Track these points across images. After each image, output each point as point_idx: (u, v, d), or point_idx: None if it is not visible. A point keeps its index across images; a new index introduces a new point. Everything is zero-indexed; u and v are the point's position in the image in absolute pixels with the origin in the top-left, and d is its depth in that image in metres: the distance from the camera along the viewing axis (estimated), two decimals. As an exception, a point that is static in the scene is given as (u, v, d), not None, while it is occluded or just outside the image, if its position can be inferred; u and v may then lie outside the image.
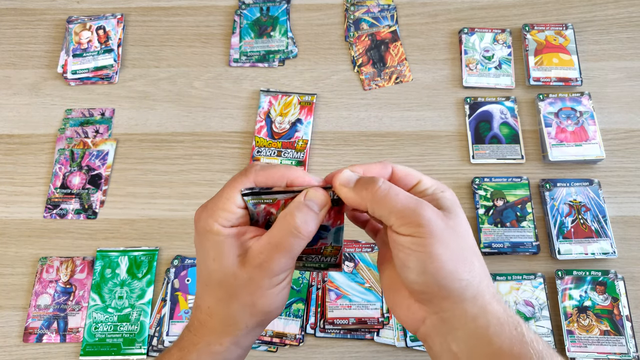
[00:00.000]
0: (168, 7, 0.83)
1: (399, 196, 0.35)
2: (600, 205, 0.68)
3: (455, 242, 0.35)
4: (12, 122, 0.76)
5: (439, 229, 0.34)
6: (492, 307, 0.35)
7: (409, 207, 0.35)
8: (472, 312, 0.35)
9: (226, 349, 0.39)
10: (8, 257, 0.68)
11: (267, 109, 0.75)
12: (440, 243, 0.34)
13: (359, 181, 0.37)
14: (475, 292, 0.35)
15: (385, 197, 0.35)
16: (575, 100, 0.74)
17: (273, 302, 0.38)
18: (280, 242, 0.36)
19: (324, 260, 0.42)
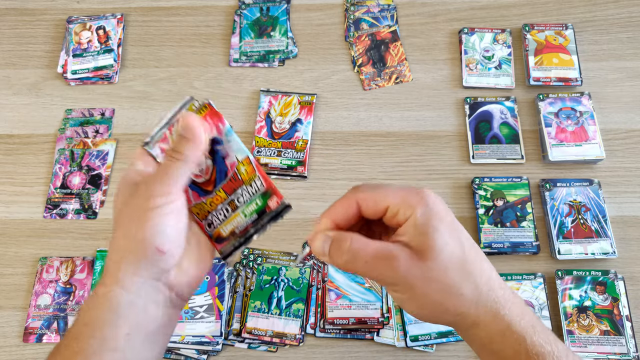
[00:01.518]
0: (168, 7, 0.83)
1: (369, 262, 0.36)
2: (600, 205, 0.68)
3: (436, 286, 0.35)
4: (12, 122, 0.76)
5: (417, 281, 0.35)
6: (494, 327, 0.36)
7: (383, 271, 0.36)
8: (477, 334, 0.37)
9: (110, 290, 0.36)
10: (8, 257, 0.68)
11: (267, 109, 0.75)
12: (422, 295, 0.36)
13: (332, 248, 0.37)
14: (474, 319, 0.37)
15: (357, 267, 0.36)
16: (575, 100, 0.74)
17: (148, 224, 0.36)
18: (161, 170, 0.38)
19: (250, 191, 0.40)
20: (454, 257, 0.36)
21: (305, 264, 0.65)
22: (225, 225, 0.41)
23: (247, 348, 0.62)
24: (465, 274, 0.36)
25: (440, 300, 0.36)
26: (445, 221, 0.36)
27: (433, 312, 0.37)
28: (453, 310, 0.36)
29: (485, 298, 0.36)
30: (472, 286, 0.36)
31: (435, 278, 0.35)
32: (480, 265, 0.37)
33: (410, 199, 0.36)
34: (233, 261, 0.67)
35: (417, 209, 0.36)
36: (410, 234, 0.36)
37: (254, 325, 0.62)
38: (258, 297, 0.64)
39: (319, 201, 0.70)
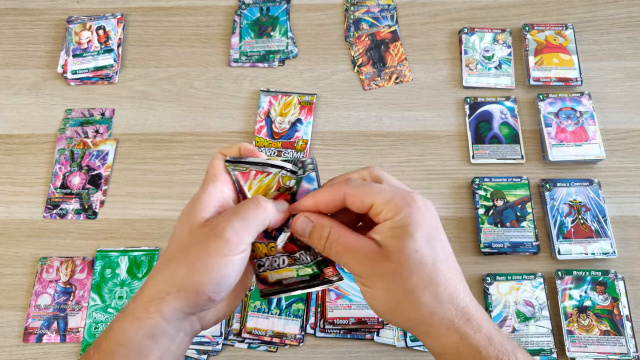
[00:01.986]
0: (168, 7, 0.83)
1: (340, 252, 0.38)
2: (600, 205, 0.68)
3: (395, 287, 0.36)
4: (12, 122, 0.76)
5: (379, 279, 0.37)
6: (447, 339, 0.37)
7: (352, 260, 0.38)
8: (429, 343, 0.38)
9: (152, 318, 0.37)
10: (8, 257, 0.68)
11: (267, 109, 0.75)
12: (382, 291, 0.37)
13: (312, 233, 0.39)
14: (427, 327, 0.37)
15: (330, 253, 0.39)
16: (575, 100, 0.74)
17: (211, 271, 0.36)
18: (240, 209, 0.38)
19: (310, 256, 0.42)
20: (420, 265, 0.36)
21: None
22: (275, 274, 0.42)
23: (247, 348, 0.62)
24: (428, 283, 0.36)
25: (397, 302, 0.37)
26: (424, 229, 0.37)
27: (389, 311, 0.38)
28: (407, 315, 0.37)
29: (442, 310, 0.37)
30: (431, 296, 0.36)
31: (397, 280, 0.36)
32: (447, 277, 0.37)
33: (396, 202, 0.37)
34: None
35: (399, 213, 0.37)
36: (384, 234, 0.37)
37: (254, 325, 0.62)
38: (258, 297, 0.64)
39: (319, 201, 0.70)
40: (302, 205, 0.40)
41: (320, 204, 0.40)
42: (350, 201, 0.39)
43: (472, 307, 0.37)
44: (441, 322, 0.37)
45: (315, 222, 0.39)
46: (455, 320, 0.36)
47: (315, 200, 0.40)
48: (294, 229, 0.40)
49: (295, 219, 0.40)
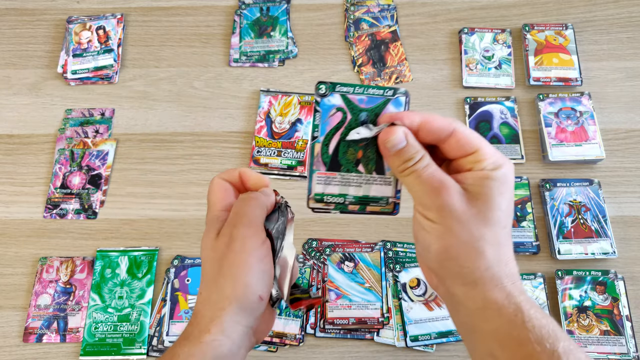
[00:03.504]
0: (168, 7, 0.83)
1: (422, 179, 0.36)
2: (600, 205, 0.68)
3: (464, 231, 0.36)
4: (12, 122, 0.76)
5: (450, 217, 0.36)
6: (493, 294, 0.36)
7: (431, 191, 0.36)
8: (471, 296, 0.37)
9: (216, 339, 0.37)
10: (8, 257, 0.68)
11: (267, 109, 0.75)
12: (447, 230, 0.36)
13: (400, 152, 0.37)
14: (477, 278, 0.36)
15: (408, 177, 0.37)
16: (575, 100, 0.74)
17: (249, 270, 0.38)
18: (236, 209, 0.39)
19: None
20: (496, 223, 0.36)
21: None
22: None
23: (247, 348, 0.62)
24: (496, 241, 0.36)
25: (458, 245, 0.36)
26: (510, 194, 0.37)
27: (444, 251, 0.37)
28: (462, 261, 0.36)
29: (498, 268, 0.37)
30: (494, 253, 0.36)
31: (468, 225, 0.36)
32: (509, 244, 0.38)
33: (499, 157, 0.37)
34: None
35: (498, 169, 0.37)
36: (476, 182, 0.36)
37: (254, 325, 0.62)
38: (258, 297, 0.64)
39: (319, 201, 0.70)
40: (406, 118, 0.38)
41: (425, 128, 0.38)
42: (457, 139, 0.37)
43: (517, 276, 0.38)
44: (492, 278, 0.36)
45: (411, 142, 0.37)
46: (505, 280, 0.37)
47: (423, 118, 0.38)
48: (383, 139, 0.37)
49: (390, 130, 0.37)
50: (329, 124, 0.38)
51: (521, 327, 0.35)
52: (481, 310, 0.37)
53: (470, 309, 0.37)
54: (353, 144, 0.39)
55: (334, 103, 0.38)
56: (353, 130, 0.38)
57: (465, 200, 0.36)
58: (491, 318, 0.37)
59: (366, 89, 0.38)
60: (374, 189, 0.39)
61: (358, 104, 0.38)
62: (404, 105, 0.39)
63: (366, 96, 0.38)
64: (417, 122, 0.38)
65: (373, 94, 0.38)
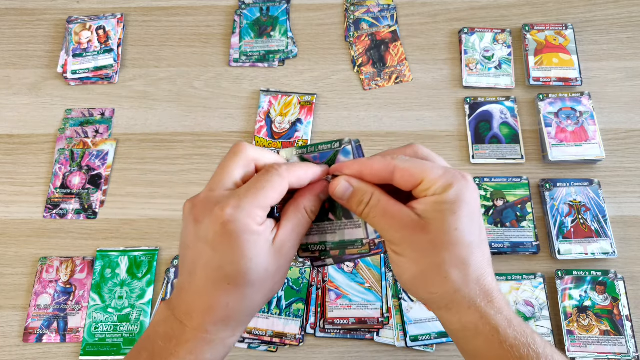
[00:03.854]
0: (168, 7, 0.83)
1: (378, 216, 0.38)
2: (600, 205, 0.68)
3: (425, 259, 0.37)
4: (12, 122, 0.76)
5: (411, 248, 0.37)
6: (467, 317, 0.37)
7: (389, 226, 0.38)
8: (447, 319, 0.38)
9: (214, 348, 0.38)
10: (8, 257, 0.68)
11: (267, 109, 0.75)
12: (411, 260, 0.37)
13: (351, 197, 0.39)
14: (448, 302, 0.38)
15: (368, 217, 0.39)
16: (575, 100, 0.74)
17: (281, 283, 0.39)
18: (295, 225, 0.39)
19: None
20: (456, 243, 0.36)
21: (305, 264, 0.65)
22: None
23: (247, 348, 0.62)
24: (459, 262, 0.37)
25: (424, 273, 0.37)
26: (468, 210, 0.37)
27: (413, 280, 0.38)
28: (431, 287, 0.38)
29: (468, 289, 0.37)
30: (460, 275, 0.37)
31: (429, 252, 0.37)
32: (478, 260, 0.37)
33: (447, 178, 0.37)
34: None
35: (448, 189, 0.36)
36: (428, 206, 0.37)
37: (254, 325, 0.62)
38: (258, 297, 0.64)
39: (319, 201, 0.70)
40: (346, 168, 0.39)
41: (366, 172, 0.39)
42: (400, 175, 0.38)
43: (495, 290, 0.38)
44: (463, 300, 0.37)
45: (356, 186, 0.39)
46: (478, 300, 0.37)
47: (361, 166, 0.39)
48: (332, 191, 0.39)
49: (335, 181, 0.39)
50: None
51: (498, 348, 0.36)
52: (461, 332, 0.38)
53: (452, 330, 0.39)
54: None
55: None
56: None
57: (419, 228, 0.37)
58: (470, 339, 0.38)
59: (317, 147, 0.42)
60: (348, 233, 0.41)
61: (313, 161, 0.42)
62: (352, 153, 0.41)
63: (318, 152, 0.42)
64: (356, 170, 0.39)
65: (323, 149, 0.42)
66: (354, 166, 0.39)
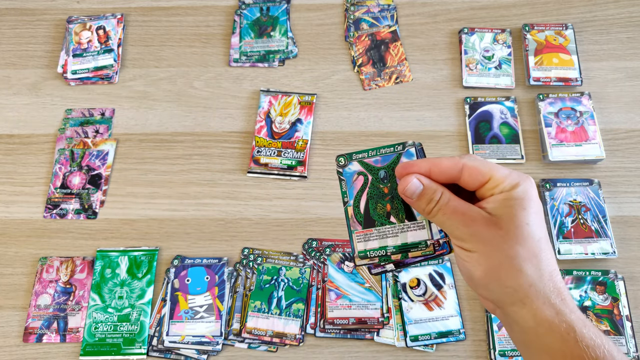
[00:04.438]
0: (168, 7, 0.83)
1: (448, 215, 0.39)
2: (600, 205, 0.68)
3: (499, 253, 0.37)
4: (12, 122, 0.76)
5: (482, 243, 0.37)
6: (542, 312, 0.37)
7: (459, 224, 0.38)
8: (521, 315, 0.38)
9: None
10: (8, 257, 0.68)
11: (267, 109, 0.75)
12: (483, 256, 0.38)
13: (421, 196, 0.39)
14: (522, 297, 0.37)
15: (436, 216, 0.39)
16: (575, 100, 0.74)
17: None
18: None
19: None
20: (528, 238, 0.37)
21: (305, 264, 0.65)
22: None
23: (247, 348, 0.62)
24: (532, 256, 0.37)
25: (497, 267, 0.37)
26: (536, 206, 0.38)
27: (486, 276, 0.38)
28: (505, 281, 0.37)
29: (542, 284, 0.37)
30: (534, 268, 0.37)
31: (502, 246, 0.37)
32: (548, 255, 0.38)
33: (514, 176, 0.38)
34: (233, 261, 0.67)
35: (516, 187, 0.38)
36: (498, 203, 0.38)
37: (254, 325, 0.62)
38: (258, 297, 0.64)
39: (319, 201, 0.70)
40: (415, 166, 0.40)
41: (436, 170, 0.39)
42: (468, 173, 0.39)
43: (565, 290, 0.38)
44: (538, 295, 0.37)
45: (427, 184, 0.39)
46: (552, 296, 0.37)
47: (431, 164, 0.40)
48: (402, 190, 0.40)
49: (405, 180, 0.40)
50: (355, 188, 0.43)
51: (574, 346, 0.36)
52: (533, 328, 0.38)
53: (524, 327, 0.38)
54: (380, 200, 0.42)
55: (354, 169, 0.43)
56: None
57: (491, 224, 0.37)
58: (543, 335, 0.37)
59: (378, 150, 0.42)
60: (411, 235, 0.41)
61: (375, 165, 0.42)
62: (415, 155, 0.42)
63: (380, 156, 0.42)
64: (426, 169, 0.40)
65: (385, 152, 0.42)
66: (424, 164, 0.40)
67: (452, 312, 0.63)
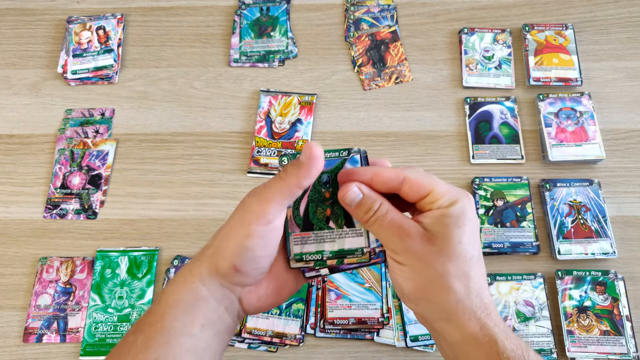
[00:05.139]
0: (168, 7, 0.83)
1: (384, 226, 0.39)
2: (600, 205, 0.68)
3: (430, 269, 0.38)
4: (12, 122, 0.76)
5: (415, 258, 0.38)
6: (468, 327, 0.38)
7: (394, 236, 0.38)
8: (448, 331, 0.39)
9: (193, 282, 0.39)
10: (8, 257, 0.68)
11: (267, 109, 0.75)
12: (415, 271, 0.38)
13: (359, 205, 0.40)
14: (449, 313, 0.38)
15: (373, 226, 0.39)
16: (575, 100, 0.74)
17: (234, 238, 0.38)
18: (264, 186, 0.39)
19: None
20: (459, 256, 0.38)
21: None
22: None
23: (247, 348, 0.62)
24: (462, 274, 0.38)
25: (427, 284, 0.38)
26: (471, 225, 0.39)
27: (415, 291, 0.39)
28: (433, 298, 0.38)
29: (469, 301, 0.38)
30: (462, 286, 0.38)
31: (433, 263, 0.38)
32: (478, 273, 0.39)
33: (454, 193, 0.39)
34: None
35: (454, 204, 0.38)
36: (434, 219, 0.38)
37: (254, 325, 0.62)
38: (258, 297, 0.64)
39: (319, 201, 0.70)
40: (358, 174, 0.40)
41: (377, 180, 0.40)
42: (409, 185, 0.39)
43: (491, 305, 0.39)
44: (464, 312, 0.38)
45: (366, 193, 0.40)
46: (478, 312, 0.38)
47: (373, 173, 0.40)
48: (342, 197, 0.40)
49: (345, 187, 0.40)
50: None
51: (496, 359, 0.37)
52: (459, 343, 0.39)
53: (451, 343, 0.39)
54: (321, 204, 0.42)
55: None
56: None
57: (426, 239, 0.38)
58: (469, 351, 0.38)
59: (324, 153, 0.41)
60: (348, 242, 0.41)
61: None
62: (360, 162, 0.42)
63: (324, 160, 0.40)
64: (368, 177, 0.40)
65: (330, 157, 0.42)
66: (367, 172, 0.40)
67: (452, 312, 0.63)
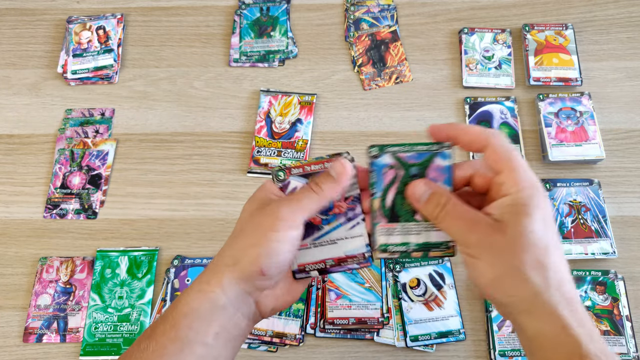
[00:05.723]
0: (168, 7, 0.83)
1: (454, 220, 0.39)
2: (600, 205, 0.68)
3: (503, 261, 0.37)
4: (12, 122, 0.76)
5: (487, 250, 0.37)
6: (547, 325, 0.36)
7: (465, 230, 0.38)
8: (526, 324, 0.37)
9: (213, 291, 0.40)
10: (8, 257, 0.68)
11: (267, 109, 0.75)
12: (488, 263, 0.37)
13: (428, 200, 0.40)
14: (528, 306, 0.37)
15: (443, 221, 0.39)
16: (575, 100, 0.74)
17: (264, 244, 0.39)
18: (297, 194, 0.41)
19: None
20: (533, 245, 0.36)
21: None
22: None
23: (247, 348, 0.62)
24: (538, 264, 0.36)
25: (502, 275, 0.37)
26: (542, 213, 0.37)
27: (491, 284, 0.38)
28: (510, 290, 0.37)
29: (548, 294, 0.36)
30: (540, 277, 0.36)
31: (506, 254, 0.37)
32: (557, 264, 0.37)
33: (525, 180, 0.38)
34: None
35: (522, 191, 0.37)
36: (503, 209, 0.38)
37: (254, 325, 0.62)
38: (258, 297, 0.64)
39: (319, 201, 0.70)
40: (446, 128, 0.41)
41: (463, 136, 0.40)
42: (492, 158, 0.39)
43: (577, 301, 0.37)
44: (544, 306, 0.36)
45: (434, 189, 0.40)
46: (560, 307, 0.36)
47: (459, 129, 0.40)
48: (409, 194, 0.40)
49: (413, 184, 0.41)
50: (383, 180, 0.42)
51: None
52: (538, 339, 0.37)
53: (529, 337, 0.38)
54: None
55: (386, 162, 0.42)
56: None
57: (496, 230, 0.37)
58: (547, 349, 0.36)
59: (413, 147, 0.42)
60: (434, 235, 0.42)
61: (407, 160, 0.42)
62: (450, 158, 0.42)
63: (414, 152, 0.42)
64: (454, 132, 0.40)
65: (420, 150, 0.42)
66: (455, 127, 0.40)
67: (452, 312, 0.63)
